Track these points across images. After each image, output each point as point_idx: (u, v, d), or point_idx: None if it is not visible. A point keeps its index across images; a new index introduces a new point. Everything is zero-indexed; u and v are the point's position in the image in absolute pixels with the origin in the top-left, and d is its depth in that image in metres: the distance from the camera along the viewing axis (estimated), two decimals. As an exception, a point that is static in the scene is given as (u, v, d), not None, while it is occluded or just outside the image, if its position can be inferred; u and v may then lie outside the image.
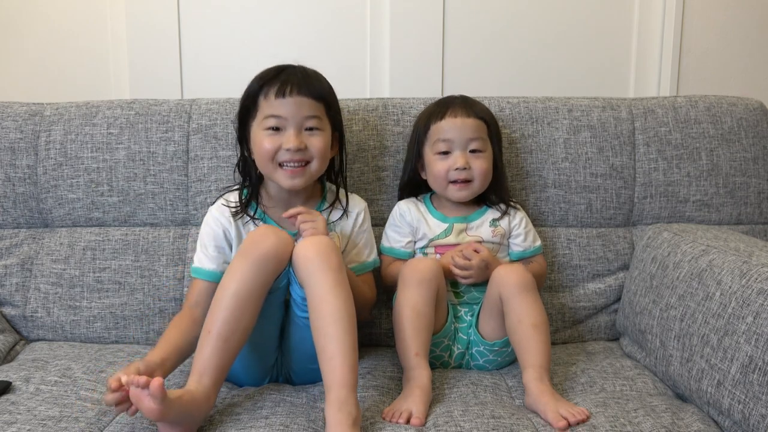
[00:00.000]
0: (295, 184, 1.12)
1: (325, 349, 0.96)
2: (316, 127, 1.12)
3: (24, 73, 1.69)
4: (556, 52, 1.69)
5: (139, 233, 1.37)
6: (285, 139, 1.09)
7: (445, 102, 1.28)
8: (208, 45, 1.67)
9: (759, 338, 0.90)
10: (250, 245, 1.01)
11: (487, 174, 1.24)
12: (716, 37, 1.71)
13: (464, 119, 1.23)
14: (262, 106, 1.12)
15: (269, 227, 1.06)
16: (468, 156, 1.23)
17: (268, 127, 1.10)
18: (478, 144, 1.23)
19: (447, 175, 1.23)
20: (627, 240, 1.39)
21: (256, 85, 1.13)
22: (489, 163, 1.24)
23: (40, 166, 1.37)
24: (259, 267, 0.98)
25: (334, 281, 0.98)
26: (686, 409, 1.01)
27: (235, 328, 0.96)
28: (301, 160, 1.11)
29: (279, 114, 1.10)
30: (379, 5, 1.65)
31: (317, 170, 1.14)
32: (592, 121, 1.38)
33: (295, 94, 1.10)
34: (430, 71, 1.67)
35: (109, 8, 1.65)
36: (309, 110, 1.11)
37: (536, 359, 1.07)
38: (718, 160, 1.38)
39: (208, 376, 0.94)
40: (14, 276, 1.37)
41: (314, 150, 1.11)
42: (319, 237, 1.05)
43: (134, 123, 1.37)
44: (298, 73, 1.13)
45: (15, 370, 1.15)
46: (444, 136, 1.23)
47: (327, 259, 1.00)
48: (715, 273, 1.04)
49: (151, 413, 0.84)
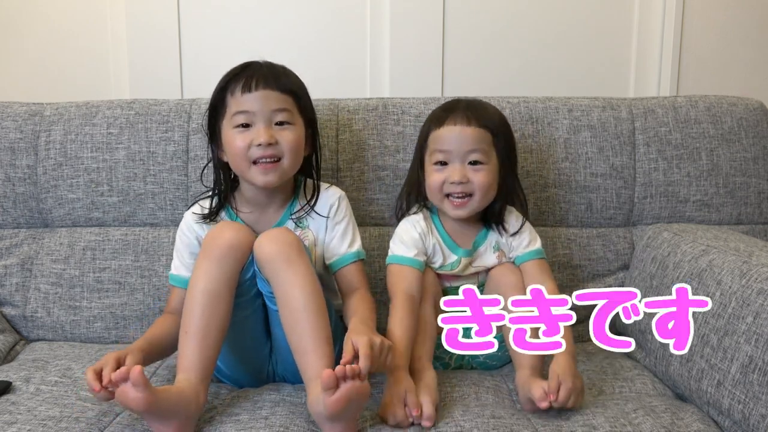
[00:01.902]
0: (269, 181, 1.09)
1: (298, 346, 0.96)
2: (286, 121, 1.09)
3: (24, 73, 1.69)
4: (556, 52, 1.69)
5: (139, 233, 1.37)
6: (255, 135, 1.08)
7: (449, 107, 1.19)
8: (208, 45, 1.67)
9: (759, 338, 0.90)
10: (209, 242, 1.02)
11: (488, 188, 1.14)
12: (716, 37, 1.71)
13: (464, 128, 1.13)
14: (229, 104, 1.10)
15: (226, 222, 1.07)
16: (467, 169, 1.13)
17: (237, 125, 1.09)
18: (478, 156, 1.13)
19: (443, 188, 1.15)
20: (627, 240, 1.39)
21: (222, 84, 1.12)
22: (491, 176, 1.14)
23: (40, 166, 1.37)
24: (220, 261, 0.99)
25: (297, 275, 0.98)
26: (686, 409, 1.01)
27: (210, 323, 0.97)
28: (273, 155, 1.08)
29: (246, 109, 1.08)
30: (379, 5, 1.65)
31: (290, 166, 1.11)
32: (592, 121, 1.38)
33: (262, 87, 1.08)
34: (430, 71, 1.67)
35: (109, 8, 1.65)
36: (277, 103, 1.09)
37: (529, 360, 1.07)
38: (718, 160, 1.38)
39: (193, 372, 0.94)
40: (14, 276, 1.37)
41: (285, 144, 1.08)
42: (278, 230, 1.05)
43: (134, 123, 1.37)
44: (264, 68, 1.12)
45: (15, 370, 1.15)
46: (441, 147, 1.15)
47: (288, 253, 0.99)
48: (715, 273, 1.04)
49: (137, 403, 0.83)
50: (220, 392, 1.07)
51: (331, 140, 1.37)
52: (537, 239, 1.23)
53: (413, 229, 1.19)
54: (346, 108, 1.39)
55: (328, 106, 1.38)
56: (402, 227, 1.21)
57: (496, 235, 1.21)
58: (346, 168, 1.37)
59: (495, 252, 1.21)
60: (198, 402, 0.93)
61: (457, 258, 1.20)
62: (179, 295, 1.11)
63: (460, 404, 1.03)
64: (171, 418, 0.89)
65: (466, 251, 1.20)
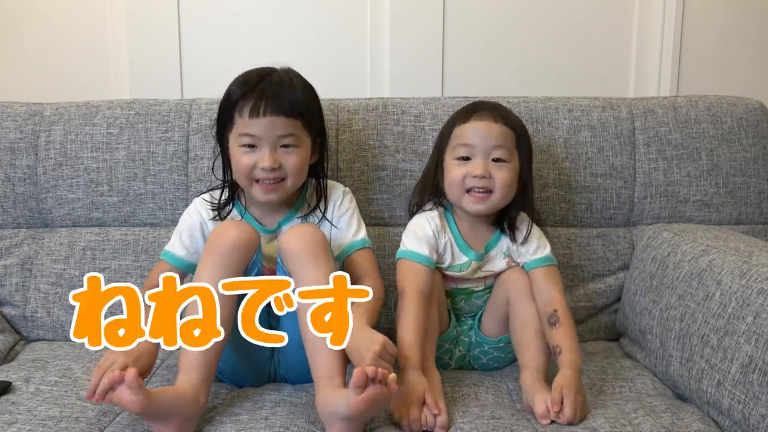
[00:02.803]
0: (270, 199, 1.12)
1: (313, 343, 0.96)
2: (292, 144, 1.10)
3: (24, 73, 1.69)
4: (556, 52, 1.69)
5: (139, 233, 1.37)
6: (260, 158, 1.08)
7: (474, 106, 1.19)
8: (208, 45, 1.67)
9: (759, 338, 0.90)
10: (213, 241, 1.02)
11: (509, 187, 1.13)
12: (716, 37, 1.71)
13: (490, 124, 1.13)
14: (237, 122, 1.10)
15: (230, 221, 1.07)
16: (490, 165, 1.12)
17: (243, 144, 1.10)
18: (502, 153, 1.12)
19: (464, 182, 1.13)
20: (627, 240, 1.39)
21: (231, 99, 1.11)
22: (513, 175, 1.13)
23: (40, 166, 1.37)
24: (224, 260, 0.99)
25: (320, 272, 0.98)
26: (686, 410, 1.01)
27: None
28: (276, 178, 1.10)
29: (253, 133, 1.08)
30: (379, 5, 1.65)
31: (293, 185, 1.12)
32: (592, 121, 1.38)
33: (269, 113, 1.07)
34: (430, 71, 1.67)
35: (109, 8, 1.65)
36: (283, 129, 1.09)
37: (535, 362, 1.07)
38: (718, 160, 1.38)
39: (195, 372, 0.94)
40: (14, 276, 1.37)
41: (289, 167, 1.10)
42: (305, 225, 1.06)
43: (134, 123, 1.37)
44: (274, 86, 1.10)
45: (15, 370, 1.15)
46: (465, 141, 1.13)
47: (314, 249, 1.00)
48: (715, 273, 1.04)
49: (132, 406, 0.84)
50: (220, 392, 1.07)
51: (331, 140, 1.36)
52: (546, 246, 1.20)
53: (428, 225, 1.17)
54: (346, 108, 1.39)
55: (328, 106, 1.38)
56: (416, 222, 1.19)
57: (507, 241, 1.20)
58: (346, 168, 1.37)
59: (505, 258, 1.20)
60: (198, 402, 0.93)
61: (467, 260, 1.19)
62: (164, 269, 1.10)
63: (460, 404, 1.03)
64: (170, 419, 0.89)
65: (478, 255, 1.19)
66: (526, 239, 1.18)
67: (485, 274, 1.21)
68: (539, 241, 1.20)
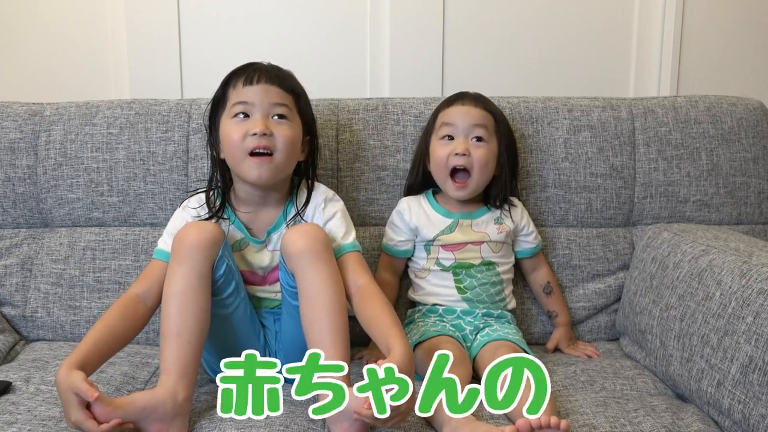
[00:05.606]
0: (261, 174, 1.08)
1: (318, 341, 0.96)
2: (284, 116, 1.10)
3: (24, 73, 1.69)
4: (556, 52, 1.69)
5: (139, 233, 1.37)
6: (251, 125, 1.08)
7: (458, 94, 1.29)
8: (208, 45, 1.67)
9: (759, 338, 0.90)
10: (175, 245, 1.02)
11: (486, 165, 1.23)
12: (716, 37, 1.71)
13: (470, 108, 1.24)
14: (230, 97, 1.11)
15: (192, 223, 1.07)
16: (470, 143, 1.22)
17: (235, 114, 1.09)
18: (481, 132, 1.23)
19: (447, 163, 1.22)
20: (627, 240, 1.39)
21: (224, 80, 1.14)
22: (490, 155, 1.23)
23: (40, 166, 1.37)
24: (188, 261, 1.00)
25: (323, 272, 0.99)
26: (686, 409, 1.01)
27: (184, 323, 0.97)
28: (267, 147, 1.08)
29: (246, 100, 1.09)
30: (379, 5, 1.65)
31: (283, 162, 1.10)
32: (592, 121, 1.38)
33: (264, 81, 1.09)
34: (430, 71, 1.67)
35: (109, 8, 1.65)
36: (277, 97, 1.09)
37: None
38: (718, 160, 1.38)
39: (171, 372, 0.95)
40: (14, 276, 1.37)
41: (280, 138, 1.08)
42: (308, 225, 1.06)
43: (134, 123, 1.37)
44: (267, 66, 1.14)
45: (15, 370, 1.15)
46: (448, 120, 1.24)
47: (317, 249, 1.00)
48: (715, 273, 1.04)
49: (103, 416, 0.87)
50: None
51: (331, 140, 1.37)
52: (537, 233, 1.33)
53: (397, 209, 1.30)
54: (346, 108, 1.39)
55: (328, 106, 1.38)
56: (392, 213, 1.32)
57: (498, 213, 1.28)
58: (346, 168, 1.37)
59: (497, 224, 1.27)
60: (176, 400, 0.93)
61: (453, 220, 1.26)
62: (158, 266, 1.10)
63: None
64: (149, 421, 0.91)
65: (462, 213, 1.27)
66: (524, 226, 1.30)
67: (479, 234, 1.25)
68: (535, 229, 1.32)
